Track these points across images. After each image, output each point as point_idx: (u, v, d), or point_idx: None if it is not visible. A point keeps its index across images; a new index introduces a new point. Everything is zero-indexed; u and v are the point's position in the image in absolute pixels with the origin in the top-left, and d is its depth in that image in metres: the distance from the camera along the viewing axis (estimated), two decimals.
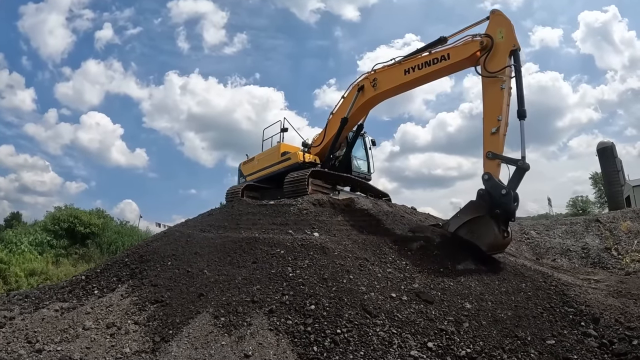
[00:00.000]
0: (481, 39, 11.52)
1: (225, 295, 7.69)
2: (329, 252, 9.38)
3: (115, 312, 7.67)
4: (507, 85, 10.89)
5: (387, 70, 14.01)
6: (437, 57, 12.55)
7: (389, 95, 14.67)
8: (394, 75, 13.70)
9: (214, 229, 11.70)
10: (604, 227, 18.89)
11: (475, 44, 11.68)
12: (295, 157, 16.28)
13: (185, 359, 6.01)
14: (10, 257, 23.04)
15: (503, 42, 11.17)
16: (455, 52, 12.14)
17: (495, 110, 10.91)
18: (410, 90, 15.05)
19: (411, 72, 13.10)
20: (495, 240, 9.94)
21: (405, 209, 15.42)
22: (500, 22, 11.35)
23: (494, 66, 11.09)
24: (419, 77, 13.05)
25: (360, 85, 14.72)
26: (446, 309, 7.41)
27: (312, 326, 6.67)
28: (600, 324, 7.18)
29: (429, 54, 12.89)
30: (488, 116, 11.04)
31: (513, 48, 10.97)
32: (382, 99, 14.98)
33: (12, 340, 6.83)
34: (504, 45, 11.14)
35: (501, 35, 11.19)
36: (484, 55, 11.38)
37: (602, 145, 33.21)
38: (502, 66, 10.95)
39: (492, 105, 11.04)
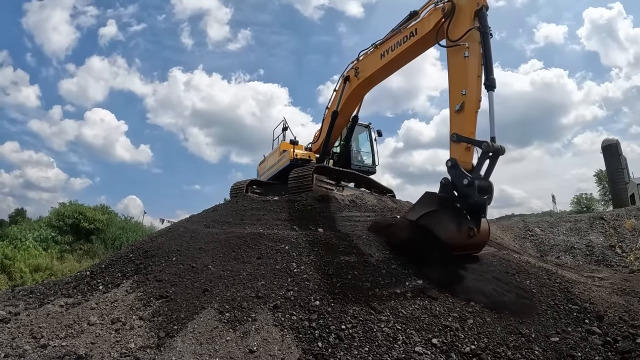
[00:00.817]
0: (443, 4, 10.37)
1: (230, 291, 7.69)
2: (333, 248, 9.40)
3: (120, 308, 7.69)
4: (474, 52, 9.40)
5: (367, 57, 13.74)
6: (407, 35, 11.72)
7: (372, 82, 14.22)
8: (372, 61, 13.33)
9: (219, 225, 11.70)
10: (608, 225, 18.89)
11: (437, 12, 10.56)
12: (287, 155, 16.56)
13: (190, 354, 6.03)
14: (15, 253, 23.18)
15: (466, 3, 9.83)
16: (421, 26, 11.22)
17: (459, 83, 9.51)
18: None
19: (386, 55, 12.58)
20: (453, 238, 8.80)
21: (409, 205, 15.43)
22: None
23: (457, 33, 9.80)
24: (393, 59, 12.38)
25: (346, 77, 14.62)
26: (450, 306, 7.41)
27: (317, 322, 6.68)
28: (604, 321, 7.19)
29: (399, 32, 12.09)
30: (452, 92, 9.60)
31: (477, 7, 9.54)
32: (367, 87, 14.60)
33: (17, 335, 6.85)
34: (467, 7, 9.80)
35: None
36: (447, 22, 10.16)
37: (606, 143, 33.16)
38: (464, 31, 9.63)
39: (455, 78, 9.66)
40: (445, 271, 8.47)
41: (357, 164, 16.96)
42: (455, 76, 9.65)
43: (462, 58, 9.51)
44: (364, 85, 14.18)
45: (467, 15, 9.71)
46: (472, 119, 9.23)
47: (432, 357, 5.99)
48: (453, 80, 9.67)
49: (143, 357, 6.08)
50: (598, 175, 42.93)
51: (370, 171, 17.27)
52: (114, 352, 6.25)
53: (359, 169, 16.89)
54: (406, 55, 12.27)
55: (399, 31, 12.13)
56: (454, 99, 9.43)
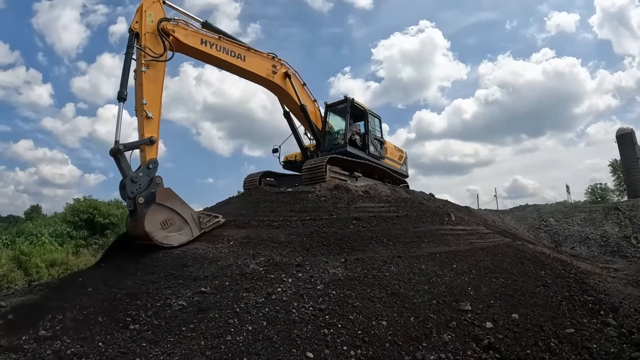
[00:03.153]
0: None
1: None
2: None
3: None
4: (145, 67, 10.74)
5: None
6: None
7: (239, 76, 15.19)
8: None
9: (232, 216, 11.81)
10: (623, 216, 18.80)
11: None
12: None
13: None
14: (31, 248, 23.35)
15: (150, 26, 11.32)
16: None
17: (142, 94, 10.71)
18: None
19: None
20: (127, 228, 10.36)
21: (423, 195, 15.45)
22: (147, 6, 11.36)
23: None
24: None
25: (289, 74, 15.62)
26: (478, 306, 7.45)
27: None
28: (619, 313, 7.19)
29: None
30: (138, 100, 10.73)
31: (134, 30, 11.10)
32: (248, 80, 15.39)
33: None
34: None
35: (151, 19, 11.30)
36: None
37: (621, 132, 32.76)
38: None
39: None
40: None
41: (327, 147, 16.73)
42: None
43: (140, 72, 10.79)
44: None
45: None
46: (144, 124, 10.54)
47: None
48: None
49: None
50: (613, 165, 42.41)
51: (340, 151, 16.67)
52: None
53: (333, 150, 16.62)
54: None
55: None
56: (142, 106, 10.53)
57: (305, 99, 16.17)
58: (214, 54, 13.18)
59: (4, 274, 17.44)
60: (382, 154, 17.44)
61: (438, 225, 11.46)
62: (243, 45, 14.19)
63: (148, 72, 10.71)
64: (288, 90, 15.47)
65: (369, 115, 17.27)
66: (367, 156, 16.46)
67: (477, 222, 13.41)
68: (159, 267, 8.80)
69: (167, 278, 8.20)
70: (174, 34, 11.70)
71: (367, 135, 16.81)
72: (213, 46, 13.12)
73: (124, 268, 9.20)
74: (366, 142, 16.70)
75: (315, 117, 16.76)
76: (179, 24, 12.09)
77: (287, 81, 15.41)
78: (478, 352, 6.09)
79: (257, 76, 14.65)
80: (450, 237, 10.79)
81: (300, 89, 16.00)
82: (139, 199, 9.68)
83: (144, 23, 11.12)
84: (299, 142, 17.14)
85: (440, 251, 9.66)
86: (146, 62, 10.74)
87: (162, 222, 9.77)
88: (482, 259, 9.32)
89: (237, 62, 13.75)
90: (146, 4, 11.31)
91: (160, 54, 11.05)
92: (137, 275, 8.58)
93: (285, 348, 5.87)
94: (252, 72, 14.36)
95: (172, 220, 9.94)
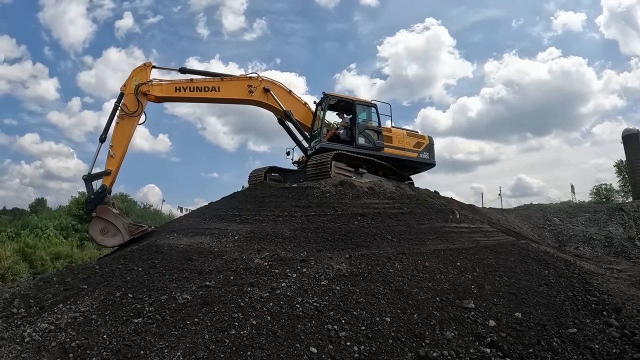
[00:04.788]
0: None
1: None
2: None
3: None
4: (119, 119, 13.98)
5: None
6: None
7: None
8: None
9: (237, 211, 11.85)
10: (627, 216, 18.75)
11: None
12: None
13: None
14: (36, 241, 23.47)
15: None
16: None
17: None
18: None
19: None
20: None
21: (428, 193, 15.42)
22: (135, 73, 14.60)
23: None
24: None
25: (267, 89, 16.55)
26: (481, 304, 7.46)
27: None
28: (622, 314, 7.17)
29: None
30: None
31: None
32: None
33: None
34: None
35: (135, 84, 14.18)
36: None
37: (627, 132, 32.62)
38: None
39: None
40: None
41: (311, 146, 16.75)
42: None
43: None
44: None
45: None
46: (110, 162, 13.93)
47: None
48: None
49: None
50: (618, 166, 42.18)
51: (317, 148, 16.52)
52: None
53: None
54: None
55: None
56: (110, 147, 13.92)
57: (291, 105, 16.72)
58: (190, 96, 15.62)
59: (9, 266, 17.52)
60: (380, 144, 17.07)
61: (442, 222, 11.45)
62: (217, 77, 16.01)
63: (121, 123, 13.96)
64: (270, 102, 16.43)
65: (357, 106, 16.77)
66: (354, 149, 16.18)
67: (482, 220, 13.38)
68: (164, 261, 8.87)
69: (172, 272, 8.28)
70: (149, 93, 14.41)
71: (354, 127, 16.60)
72: (186, 89, 15.41)
73: (129, 262, 9.27)
74: (354, 135, 16.50)
75: (307, 119, 17.27)
76: (153, 84, 14.70)
77: (267, 95, 16.28)
78: (481, 349, 6.12)
79: (235, 100, 16.60)
80: (454, 234, 10.79)
81: (285, 97, 16.77)
82: (92, 213, 13.24)
83: (129, 86, 14.22)
84: (298, 144, 17.16)
85: (444, 248, 9.66)
86: (121, 115, 13.94)
87: (100, 229, 13.09)
88: (486, 257, 9.31)
89: (212, 95, 15.76)
90: (135, 71, 14.60)
91: (134, 111, 13.97)
92: (142, 269, 8.65)
93: (289, 343, 5.93)
94: (228, 98, 16.31)
95: (107, 228, 13.06)
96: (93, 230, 13.29)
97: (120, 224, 13.14)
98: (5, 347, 6.27)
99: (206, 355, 5.69)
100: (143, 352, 5.84)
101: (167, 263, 8.76)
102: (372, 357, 5.79)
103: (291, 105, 16.67)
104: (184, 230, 11.25)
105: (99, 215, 13.20)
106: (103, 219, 13.17)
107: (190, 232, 11.03)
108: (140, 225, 13.69)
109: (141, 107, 14.24)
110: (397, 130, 17.71)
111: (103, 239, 13.18)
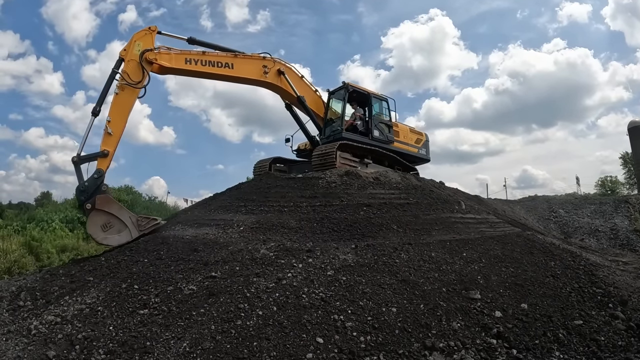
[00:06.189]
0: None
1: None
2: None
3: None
4: (119, 90, 11.95)
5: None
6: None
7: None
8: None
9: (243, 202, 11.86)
10: (633, 209, 18.72)
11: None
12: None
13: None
14: (42, 234, 23.50)
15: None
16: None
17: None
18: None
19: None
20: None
21: (433, 183, 15.41)
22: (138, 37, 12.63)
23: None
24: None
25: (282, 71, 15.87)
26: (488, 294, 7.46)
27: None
28: (627, 306, 7.15)
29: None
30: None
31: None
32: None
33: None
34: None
35: (138, 49, 12.39)
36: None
37: (633, 125, 32.56)
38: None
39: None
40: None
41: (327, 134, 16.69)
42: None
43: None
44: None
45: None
46: (107, 140, 11.62)
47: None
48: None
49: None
50: (624, 158, 41.97)
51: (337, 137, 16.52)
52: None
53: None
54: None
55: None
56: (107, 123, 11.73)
57: (302, 91, 16.27)
58: (201, 70, 13.87)
59: (16, 259, 17.53)
60: (391, 137, 17.28)
61: (448, 213, 11.44)
62: (230, 53, 14.61)
63: (120, 94, 11.91)
64: (283, 86, 15.74)
65: (372, 98, 16.99)
66: (370, 141, 16.31)
67: (487, 211, 13.37)
68: (170, 252, 8.89)
69: (178, 263, 8.29)
70: (156, 61, 12.57)
71: (370, 120, 16.71)
72: (198, 62, 13.75)
73: (134, 253, 9.29)
74: (369, 127, 16.61)
75: (317, 106, 16.89)
76: (161, 52, 12.92)
77: (281, 78, 15.66)
78: (487, 340, 6.11)
79: (249, 80, 15.32)
80: (460, 225, 10.79)
81: (297, 82, 16.20)
82: (86, 205, 10.91)
83: (131, 51, 12.33)
84: (305, 132, 17.11)
85: (450, 239, 9.66)
86: (121, 85, 11.91)
87: (102, 225, 10.88)
88: (492, 248, 9.30)
89: (225, 71, 14.34)
90: (138, 35, 12.63)
91: (137, 81, 12.07)
92: (147, 260, 8.67)
93: (295, 333, 5.93)
94: (242, 77, 15.00)
95: (110, 223, 10.94)
96: (93, 227, 10.96)
97: (126, 217, 11.15)
98: (12, 339, 6.29)
99: (212, 345, 5.69)
100: (149, 343, 5.85)
101: (172, 254, 8.77)
102: (379, 347, 5.79)
103: (303, 92, 16.25)
104: (190, 222, 11.27)
105: (98, 208, 10.88)
106: (104, 212, 10.94)
107: (196, 223, 11.05)
108: (152, 218, 11.68)
109: (147, 77, 12.36)
110: (402, 125, 18.06)
111: (105, 237, 10.95)
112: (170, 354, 5.61)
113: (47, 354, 5.77)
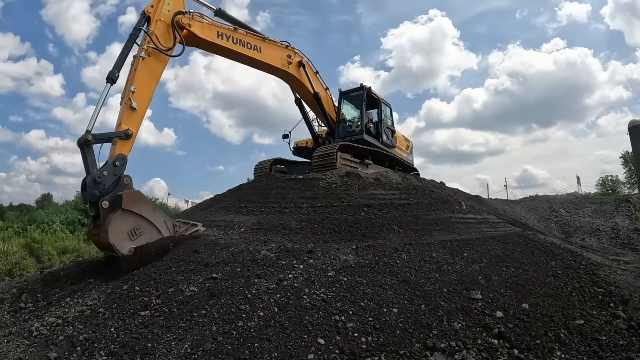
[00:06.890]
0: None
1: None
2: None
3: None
4: (146, 54, 9.95)
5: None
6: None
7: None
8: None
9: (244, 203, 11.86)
10: (634, 208, 18.71)
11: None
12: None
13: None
14: (43, 236, 23.63)
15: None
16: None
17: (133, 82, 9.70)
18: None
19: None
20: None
21: (434, 184, 15.44)
22: None
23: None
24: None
25: (303, 64, 15.47)
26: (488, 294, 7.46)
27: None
28: (629, 306, 7.14)
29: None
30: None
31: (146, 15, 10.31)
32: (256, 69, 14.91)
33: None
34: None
35: (168, 9, 10.62)
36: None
37: (634, 124, 32.53)
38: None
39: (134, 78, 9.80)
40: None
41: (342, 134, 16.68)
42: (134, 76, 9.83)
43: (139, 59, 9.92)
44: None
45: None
46: (127, 116, 9.45)
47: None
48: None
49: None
50: (624, 157, 41.96)
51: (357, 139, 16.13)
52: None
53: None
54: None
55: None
56: (130, 94, 9.52)
57: (319, 87, 16.09)
58: (231, 47, 12.58)
59: (17, 261, 17.61)
60: (394, 142, 17.46)
61: (449, 213, 11.45)
62: (258, 35, 13.70)
63: (148, 60, 9.93)
64: (302, 80, 15.34)
65: (382, 104, 17.18)
66: (380, 145, 16.46)
67: (488, 212, 13.39)
68: (171, 254, 8.86)
69: (179, 264, 8.28)
70: (190, 28, 11.07)
71: (380, 124, 16.77)
72: (230, 39, 12.49)
73: None
74: (380, 131, 16.67)
75: (328, 105, 16.73)
76: (195, 17, 11.34)
77: (301, 71, 15.31)
78: (488, 340, 6.11)
79: (272, 67, 14.34)
80: (461, 225, 10.79)
81: (314, 78, 15.92)
82: (103, 202, 8.35)
83: (160, 10, 10.39)
84: (310, 129, 17.14)
85: (451, 239, 9.65)
86: (149, 49, 9.95)
87: (130, 232, 8.41)
88: (493, 248, 9.30)
89: (253, 54, 13.27)
90: None
91: (168, 48, 10.35)
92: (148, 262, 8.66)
93: (296, 334, 5.92)
94: (268, 64, 13.98)
95: (141, 229, 8.59)
96: (117, 234, 8.17)
97: (161, 221, 9.04)
98: (14, 341, 6.29)
99: (214, 347, 5.69)
100: (151, 344, 5.85)
101: (174, 256, 8.76)
102: (380, 348, 5.78)
103: (318, 88, 16.02)
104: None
105: (126, 208, 8.39)
106: (133, 214, 8.51)
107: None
108: (193, 224, 9.91)
109: (181, 43, 10.62)
110: (398, 132, 18.40)
111: (133, 247, 8.37)
112: (171, 355, 5.60)
113: (48, 355, 5.76)
